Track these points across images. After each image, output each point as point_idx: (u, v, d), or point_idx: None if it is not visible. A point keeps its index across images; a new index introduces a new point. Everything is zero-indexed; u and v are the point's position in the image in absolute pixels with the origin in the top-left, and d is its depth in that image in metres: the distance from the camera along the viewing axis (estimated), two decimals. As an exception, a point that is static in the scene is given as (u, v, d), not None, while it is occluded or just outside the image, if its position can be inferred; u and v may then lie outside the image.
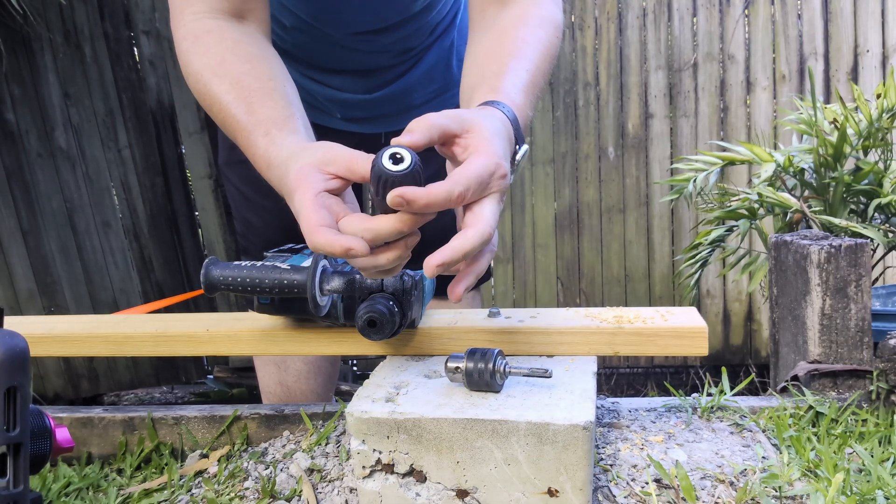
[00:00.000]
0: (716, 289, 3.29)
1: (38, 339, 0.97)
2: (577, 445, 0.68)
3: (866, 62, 3.15)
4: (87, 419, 0.98)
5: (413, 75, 1.29)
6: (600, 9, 3.25)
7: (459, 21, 1.32)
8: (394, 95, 1.30)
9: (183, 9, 0.92)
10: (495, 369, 0.73)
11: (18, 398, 0.52)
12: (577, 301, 3.36)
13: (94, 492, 0.88)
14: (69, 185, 3.13)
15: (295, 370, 1.41)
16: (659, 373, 3.43)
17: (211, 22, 0.91)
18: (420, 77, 1.30)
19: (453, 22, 1.31)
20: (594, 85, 3.29)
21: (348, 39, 1.19)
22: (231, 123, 0.84)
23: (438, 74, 1.32)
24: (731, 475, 0.77)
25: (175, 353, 0.96)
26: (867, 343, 0.98)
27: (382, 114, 1.32)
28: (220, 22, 0.91)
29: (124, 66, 3.21)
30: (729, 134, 3.23)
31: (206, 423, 0.97)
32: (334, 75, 1.26)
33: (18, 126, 3.02)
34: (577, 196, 3.34)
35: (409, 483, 0.72)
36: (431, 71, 1.31)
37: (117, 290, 3.25)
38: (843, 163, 1.83)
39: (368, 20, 1.16)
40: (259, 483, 0.84)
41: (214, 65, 0.87)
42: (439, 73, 1.32)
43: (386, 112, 1.31)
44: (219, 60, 0.87)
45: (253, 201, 1.33)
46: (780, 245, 1.05)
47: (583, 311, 0.94)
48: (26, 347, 0.53)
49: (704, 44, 3.23)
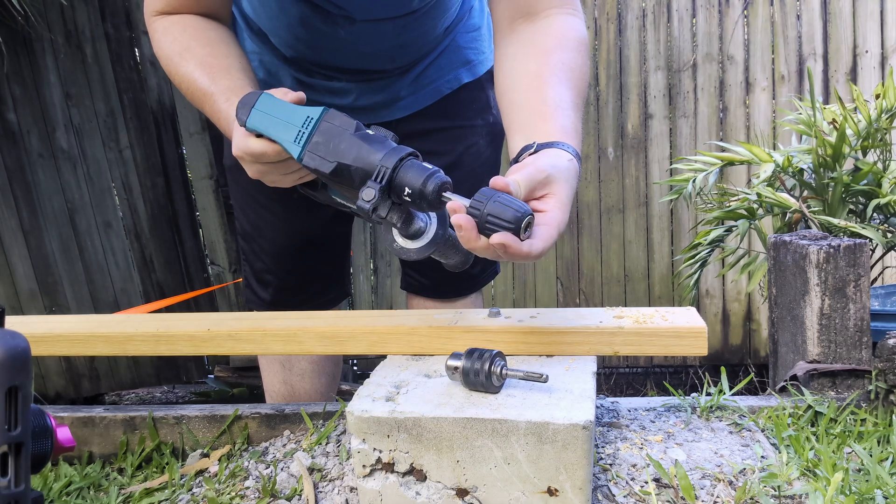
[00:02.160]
0: (715, 289, 3.29)
1: (40, 338, 0.98)
2: (577, 445, 0.68)
3: (865, 63, 3.15)
4: (88, 418, 0.99)
5: (406, 79, 1.29)
6: (600, 9, 3.25)
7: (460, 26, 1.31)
8: (385, 96, 1.29)
9: (153, 5, 1.07)
10: (491, 371, 0.74)
11: (20, 398, 0.52)
12: (576, 301, 3.36)
13: (95, 491, 0.89)
14: (70, 186, 3.13)
15: (300, 369, 1.41)
16: (658, 373, 3.43)
17: (176, 16, 1.05)
18: (411, 79, 1.30)
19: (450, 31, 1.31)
20: (594, 85, 3.29)
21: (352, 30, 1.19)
22: (199, 95, 1.01)
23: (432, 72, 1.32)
24: (731, 474, 0.78)
25: (176, 352, 0.97)
26: (866, 343, 0.98)
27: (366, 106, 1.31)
28: (184, 16, 1.06)
29: (125, 67, 3.21)
30: (728, 134, 3.23)
31: (207, 423, 0.98)
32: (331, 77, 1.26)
33: (20, 126, 3.02)
34: (576, 196, 3.33)
35: (409, 482, 0.72)
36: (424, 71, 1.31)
37: (118, 290, 3.26)
38: (842, 163, 1.83)
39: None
40: (260, 482, 0.85)
41: (181, 50, 1.03)
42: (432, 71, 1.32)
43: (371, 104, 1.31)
44: (185, 46, 1.03)
45: (261, 203, 1.33)
46: (779, 245, 1.05)
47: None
48: (27, 347, 0.53)
49: (704, 44, 3.23)
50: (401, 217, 0.78)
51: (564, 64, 0.97)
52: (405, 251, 0.78)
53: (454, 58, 1.30)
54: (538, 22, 1.01)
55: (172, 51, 1.04)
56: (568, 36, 1.00)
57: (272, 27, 1.19)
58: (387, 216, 0.76)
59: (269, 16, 1.17)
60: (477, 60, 1.33)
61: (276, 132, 0.85)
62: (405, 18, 1.15)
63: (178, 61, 1.03)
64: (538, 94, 0.95)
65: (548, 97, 0.94)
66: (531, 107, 0.94)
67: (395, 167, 0.77)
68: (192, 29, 1.05)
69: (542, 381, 0.72)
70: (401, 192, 0.76)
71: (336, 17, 1.12)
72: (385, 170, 0.76)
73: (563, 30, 1.00)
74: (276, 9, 1.14)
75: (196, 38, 1.04)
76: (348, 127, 0.82)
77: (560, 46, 0.98)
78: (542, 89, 0.95)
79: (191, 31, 1.04)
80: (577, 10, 1.04)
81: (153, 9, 1.07)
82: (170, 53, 1.04)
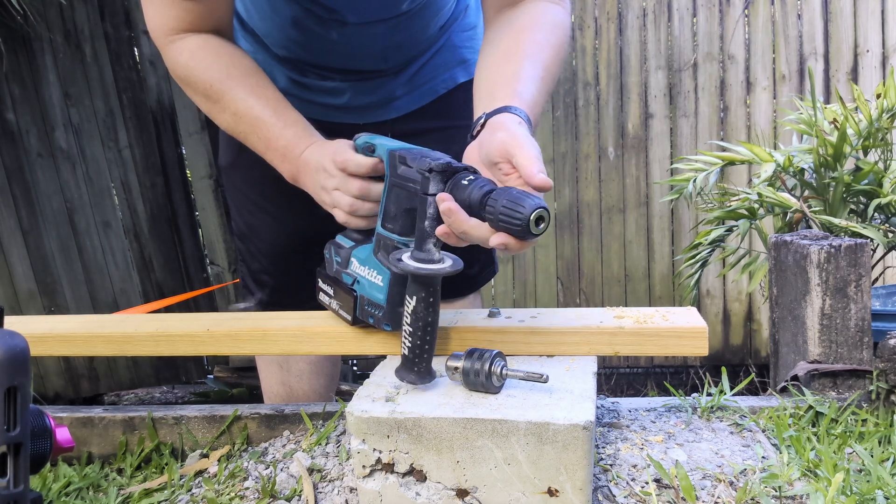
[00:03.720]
0: (716, 289, 3.29)
1: (39, 338, 0.97)
2: (577, 445, 0.68)
3: (866, 62, 3.15)
4: (87, 419, 0.98)
5: (401, 78, 1.29)
6: (600, 9, 3.25)
7: (455, 26, 1.31)
8: (380, 95, 1.29)
9: (164, 26, 1.05)
10: (491, 371, 0.73)
11: (19, 398, 0.52)
12: (577, 301, 3.36)
13: (94, 491, 0.88)
14: (69, 185, 3.13)
15: (298, 370, 1.40)
16: (659, 373, 3.43)
17: (196, 38, 1.05)
18: (406, 79, 1.30)
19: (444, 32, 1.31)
20: (594, 85, 3.28)
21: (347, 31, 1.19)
22: (251, 122, 1.03)
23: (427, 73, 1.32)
24: (731, 475, 0.77)
25: (175, 352, 0.97)
26: (867, 343, 0.98)
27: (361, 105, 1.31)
28: (204, 36, 1.05)
29: (124, 66, 3.21)
30: (729, 134, 3.23)
31: (207, 423, 0.97)
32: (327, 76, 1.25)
33: (19, 126, 3.02)
34: (577, 196, 3.34)
35: (409, 482, 0.72)
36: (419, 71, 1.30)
37: (117, 290, 3.25)
38: (842, 163, 1.83)
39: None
40: (259, 483, 0.84)
41: (223, 77, 1.04)
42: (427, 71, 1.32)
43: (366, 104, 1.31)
44: (226, 73, 1.04)
45: (257, 203, 1.33)
46: (780, 245, 1.05)
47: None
48: (26, 347, 0.53)
49: (704, 44, 3.23)
50: (433, 224, 0.78)
51: (535, 42, 0.99)
52: (405, 264, 0.77)
53: (449, 57, 1.30)
54: (519, 8, 1.04)
55: (211, 77, 1.04)
56: (544, 19, 1.02)
57: (265, 28, 1.19)
58: (433, 195, 0.78)
59: (261, 17, 1.17)
60: (473, 60, 1.32)
61: (379, 140, 0.92)
62: (397, 19, 1.15)
63: (220, 88, 1.03)
64: (501, 69, 0.97)
65: (509, 70, 0.96)
66: (493, 80, 0.97)
67: (465, 167, 0.80)
68: (228, 57, 1.06)
69: (542, 381, 0.72)
70: (458, 182, 0.78)
71: (327, 19, 1.12)
72: (454, 162, 0.79)
73: (540, 13, 1.03)
74: (268, 10, 1.14)
75: (235, 65, 1.05)
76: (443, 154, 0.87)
77: (533, 27, 1.01)
78: (506, 64, 0.97)
79: (228, 59, 1.05)
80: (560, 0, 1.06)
81: (165, 29, 1.05)
82: (208, 80, 1.04)
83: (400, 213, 0.85)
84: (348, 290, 0.91)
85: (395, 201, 0.86)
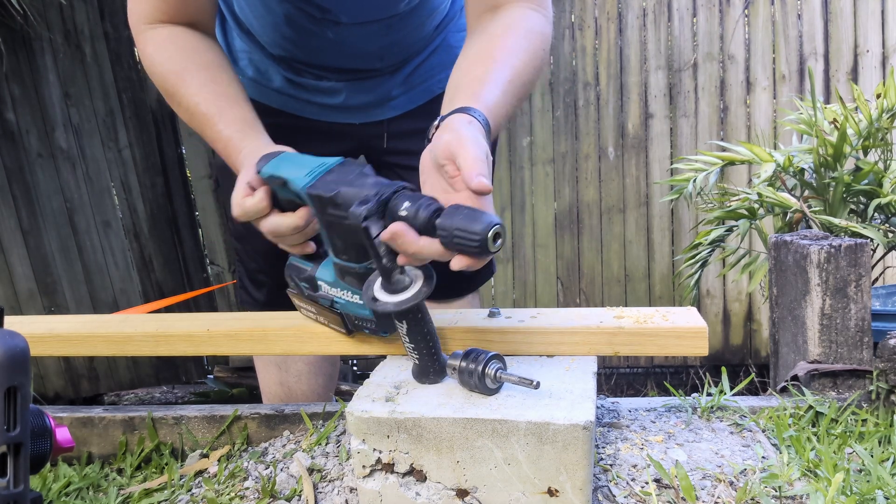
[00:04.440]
0: (716, 289, 3.29)
1: (39, 338, 0.97)
2: (577, 445, 0.68)
3: (866, 62, 3.15)
4: (87, 419, 0.98)
5: (397, 78, 1.29)
6: (600, 9, 3.25)
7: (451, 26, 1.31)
8: (376, 94, 1.29)
9: (140, 14, 1.05)
10: (485, 373, 0.73)
11: (19, 398, 0.52)
12: (577, 301, 3.36)
13: (94, 491, 0.88)
14: (69, 185, 3.13)
15: (296, 370, 1.40)
16: (659, 373, 3.43)
17: (166, 29, 1.04)
18: (402, 79, 1.30)
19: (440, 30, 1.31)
20: (594, 85, 3.28)
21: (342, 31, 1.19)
22: (200, 119, 1.01)
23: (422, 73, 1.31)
24: (731, 475, 0.77)
25: (175, 352, 0.97)
26: (867, 343, 0.98)
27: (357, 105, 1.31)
28: (174, 28, 1.04)
29: (124, 66, 3.21)
30: (729, 134, 3.23)
31: (207, 423, 0.97)
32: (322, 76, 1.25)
33: (19, 126, 3.02)
34: (577, 196, 3.34)
35: (409, 482, 0.72)
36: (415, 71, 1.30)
37: (117, 290, 3.25)
38: (842, 163, 1.83)
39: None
40: (259, 483, 0.84)
41: (179, 70, 1.02)
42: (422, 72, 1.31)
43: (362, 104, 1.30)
44: (183, 66, 1.02)
45: None
46: (780, 245, 1.05)
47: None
48: (26, 347, 0.53)
49: (704, 44, 3.23)
50: (390, 258, 0.75)
51: (505, 47, 0.97)
52: (383, 305, 0.76)
53: (446, 57, 1.29)
54: (498, 13, 1.02)
55: (168, 69, 1.02)
56: (519, 25, 1.00)
57: (259, 27, 1.19)
58: (376, 237, 0.74)
59: (255, 15, 1.17)
60: None
61: (287, 171, 0.84)
62: (391, 19, 1.15)
63: (175, 81, 1.02)
64: (467, 73, 0.95)
65: (474, 74, 0.94)
66: (457, 84, 0.95)
67: (395, 191, 0.75)
68: (190, 50, 1.04)
69: (533, 387, 0.71)
70: (396, 210, 0.74)
71: (321, 18, 1.12)
72: (384, 191, 0.75)
73: (517, 19, 1.01)
74: (262, 9, 1.14)
75: (193, 59, 1.03)
76: (361, 168, 0.82)
77: (506, 32, 0.99)
78: (473, 69, 0.95)
79: (189, 52, 1.03)
80: (540, 5, 1.04)
81: (141, 17, 1.05)
82: (165, 73, 1.03)
83: (349, 245, 0.81)
84: (331, 310, 0.89)
85: (338, 236, 0.81)
